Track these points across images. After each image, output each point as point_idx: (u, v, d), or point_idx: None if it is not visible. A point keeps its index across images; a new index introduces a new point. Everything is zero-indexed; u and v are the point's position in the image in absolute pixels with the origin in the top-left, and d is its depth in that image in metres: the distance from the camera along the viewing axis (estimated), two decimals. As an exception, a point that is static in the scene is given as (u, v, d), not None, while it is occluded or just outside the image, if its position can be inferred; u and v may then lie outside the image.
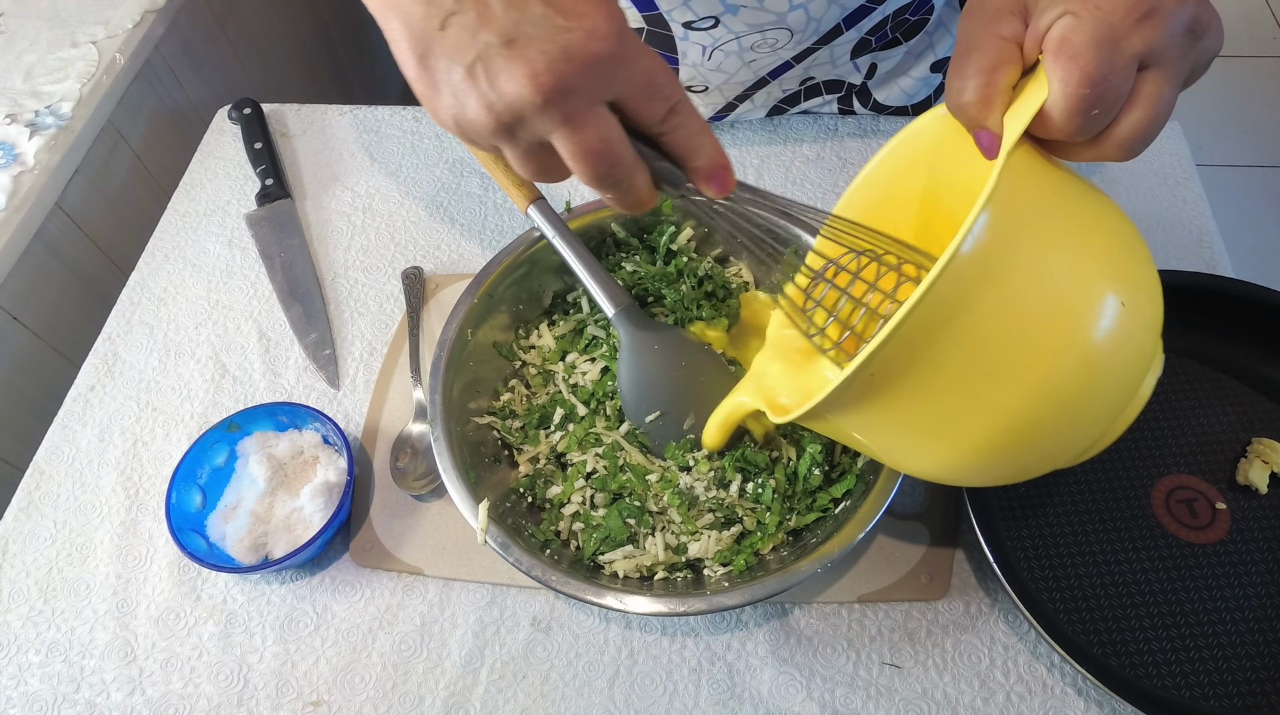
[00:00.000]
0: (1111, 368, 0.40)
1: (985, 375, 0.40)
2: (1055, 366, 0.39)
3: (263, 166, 0.83)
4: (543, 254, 0.66)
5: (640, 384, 0.61)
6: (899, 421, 0.43)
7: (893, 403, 0.42)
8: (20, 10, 0.93)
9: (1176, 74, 0.41)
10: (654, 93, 0.38)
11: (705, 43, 0.70)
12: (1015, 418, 0.40)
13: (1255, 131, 2.07)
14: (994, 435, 0.41)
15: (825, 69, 0.78)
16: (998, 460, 0.43)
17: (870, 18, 0.72)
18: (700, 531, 0.57)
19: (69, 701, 0.58)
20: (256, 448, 0.64)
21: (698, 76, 0.77)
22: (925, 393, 0.41)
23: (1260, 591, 0.56)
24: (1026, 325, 0.39)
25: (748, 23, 0.67)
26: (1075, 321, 0.39)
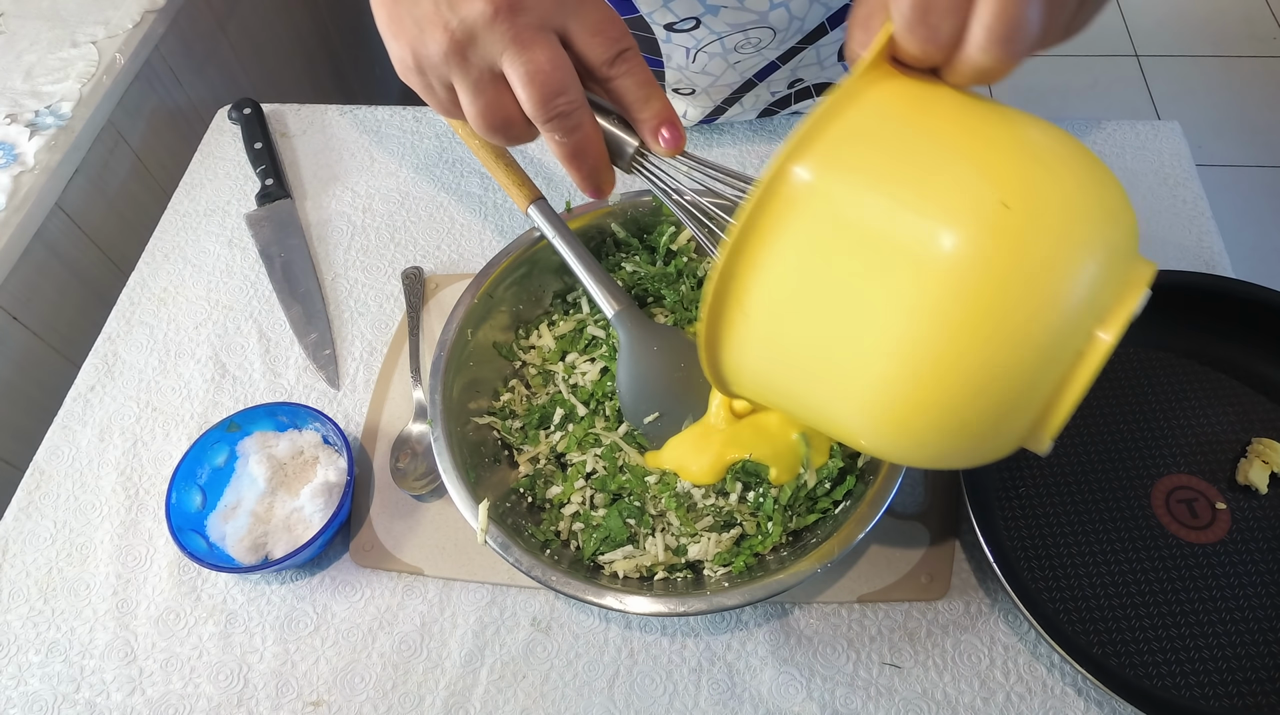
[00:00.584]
0: (1006, 289, 0.34)
1: (842, 305, 0.36)
2: (920, 286, 0.34)
3: (263, 166, 0.83)
4: (543, 254, 0.66)
5: (639, 385, 0.61)
6: (793, 369, 0.39)
7: (777, 342, 0.38)
8: (20, 10, 0.93)
9: None
10: (603, 29, 0.38)
11: (688, 44, 0.70)
12: (898, 358, 0.35)
13: (1255, 131, 2.07)
14: (884, 384, 0.36)
15: (813, 70, 0.78)
16: (917, 421, 0.37)
17: None
18: (700, 534, 0.57)
19: (69, 701, 0.58)
20: (256, 448, 0.64)
21: (684, 79, 0.77)
22: (797, 327, 0.37)
23: (1260, 591, 0.56)
24: (872, 244, 0.35)
25: (729, 23, 0.67)
26: (929, 233, 0.34)
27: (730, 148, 0.83)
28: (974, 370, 0.35)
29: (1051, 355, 0.35)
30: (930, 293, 0.34)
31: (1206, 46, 2.26)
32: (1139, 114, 2.13)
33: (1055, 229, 0.34)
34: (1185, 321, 0.65)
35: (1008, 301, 0.34)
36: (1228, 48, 2.25)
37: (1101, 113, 2.10)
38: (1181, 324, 0.65)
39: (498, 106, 0.39)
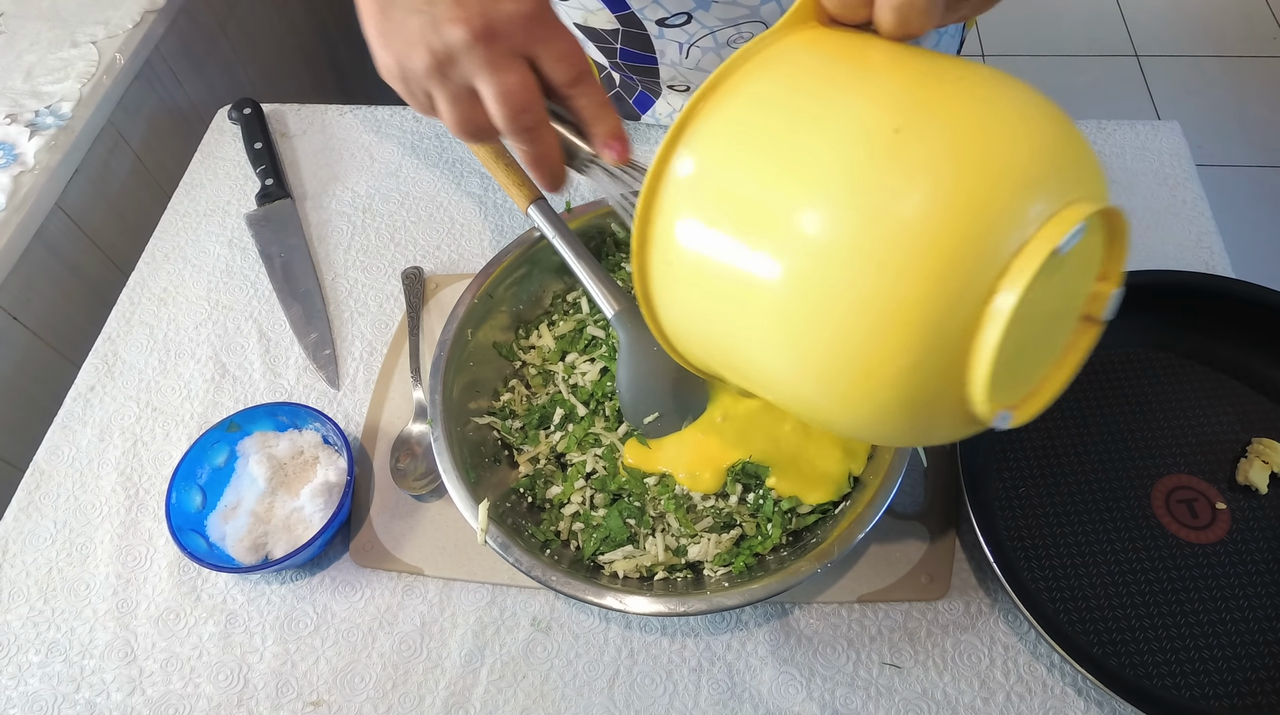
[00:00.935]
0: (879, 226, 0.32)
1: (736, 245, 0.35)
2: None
3: (263, 166, 0.83)
4: (543, 254, 0.66)
5: (638, 385, 0.61)
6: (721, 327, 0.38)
7: (698, 291, 0.38)
8: (20, 10, 0.93)
9: None
10: (566, 57, 0.44)
11: (681, 39, 0.70)
12: (799, 294, 0.34)
13: (1255, 131, 2.07)
14: (791, 324, 0.35)
15: None
16: (830, 373, 0.35)
17: None
18: (699, 534, 0.57)
19: (69, 701, 0.58)
20: (256, 448, 0.64)
21: (678, 76, 0.77)
22: (713, 270, 0.37)
23: (1260, 591, 0.56)
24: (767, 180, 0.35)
25: (720, 17, 0.67)
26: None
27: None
28: (868, 305, 0.33)
29: (953, 294, 0.32)
30: (828, 218, 0.33)
31: (1206, 46, 2.26)
32: (1139, 114, 2.13)
33: (953, 155, 0.32)
34: (1185, 321, 0.65)
35: (902, 229, 0.32)
36: (1228, 48, 2.25)
37: (1101, 113, 2.10)
38: (1181, 324, 0.65)
39: (471, 117, 0.44)
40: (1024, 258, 0.32)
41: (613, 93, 0.83)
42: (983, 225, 0.32)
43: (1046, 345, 0.39)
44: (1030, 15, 2.32)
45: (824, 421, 0.39)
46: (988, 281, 0.32)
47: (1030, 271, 0.31)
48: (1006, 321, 0.32)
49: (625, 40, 0.73)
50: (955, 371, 0.34)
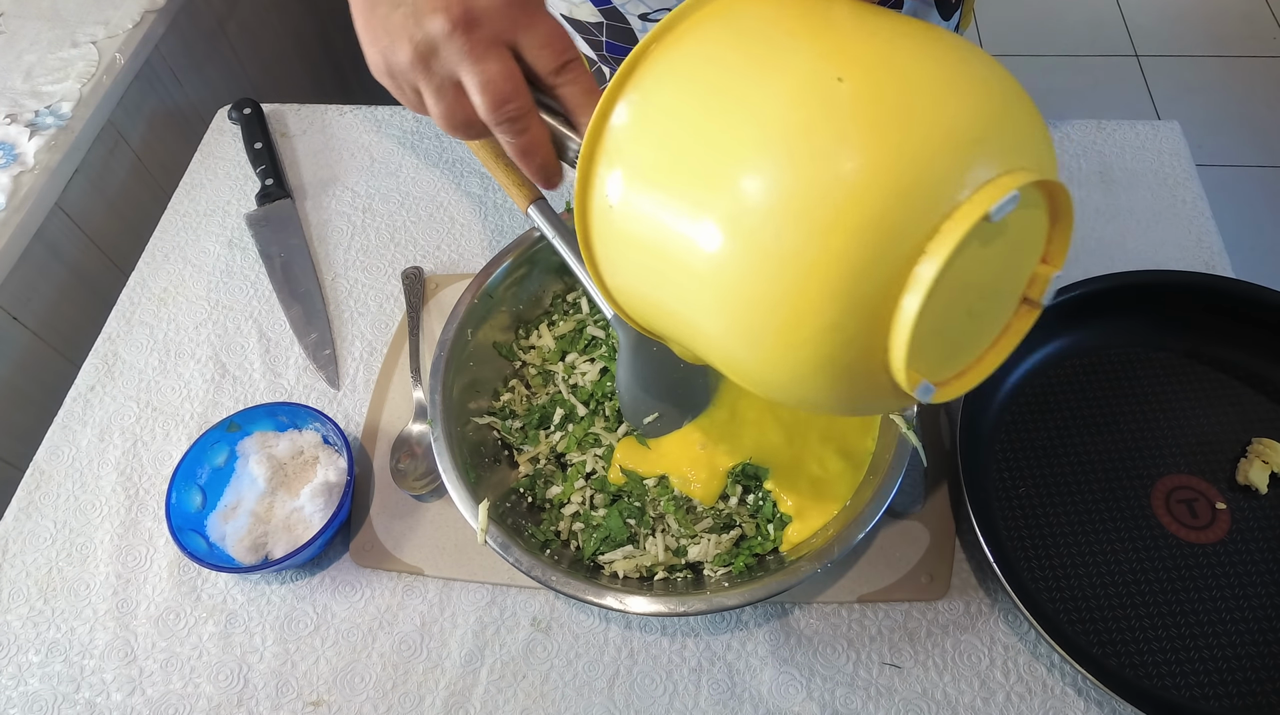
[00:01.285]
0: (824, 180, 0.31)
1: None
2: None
3: (263, 166, 0.83)
4: (543, 254, 0.66)
5: (638, 385, 0.61)
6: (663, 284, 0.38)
7: (633, 238, 0.37)
8: (20, 10, 0.93)
9: None
10: (550, 43, 0.43)
11: None
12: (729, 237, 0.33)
13: (1255, 131, 2.07)
14: (716, 269, 0.34)
15: None
16: (750, 324, 0.35)
17: None
18: (699, 535, 0.57)
19: (69, 701, 0.58)
20: (256, 448, 0.64)
21: None
22: (646, 215, 0.36)
23: (1260, 591, 0.56)
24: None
25: None
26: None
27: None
28: (792, 257, 0.32)
29: (875, 252, 0.31)
30: (759, 166, 0.32)
31: (1206, 46, 2.25)
32: (1139, 114, 2.13)
33: (892, 108, 0.31)
34: (1185, 321, 0.65)
35: (831, 180, 0.31)
36: (1228, 48, 2.25)
37: (1101, 113, 2.10)
38: (1181, 324, 0.65)
39: (457, 109, 0.44)
40: (953, 221, 0.31)
41: (602, 87, 0.83)
42: (912, 182, 0.31)
43: (980, 324, 0.37)
44: (1030, 15, 2.32)
45: (753, 382, 0.39)
46: (914, 243, 0.31)
47: (958, 235, 0.30)
48: (929, 285, 0.31)
49: (610, 34, 0.73)
50: (876, 335, 0.33)
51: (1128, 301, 0.65)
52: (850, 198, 0.31)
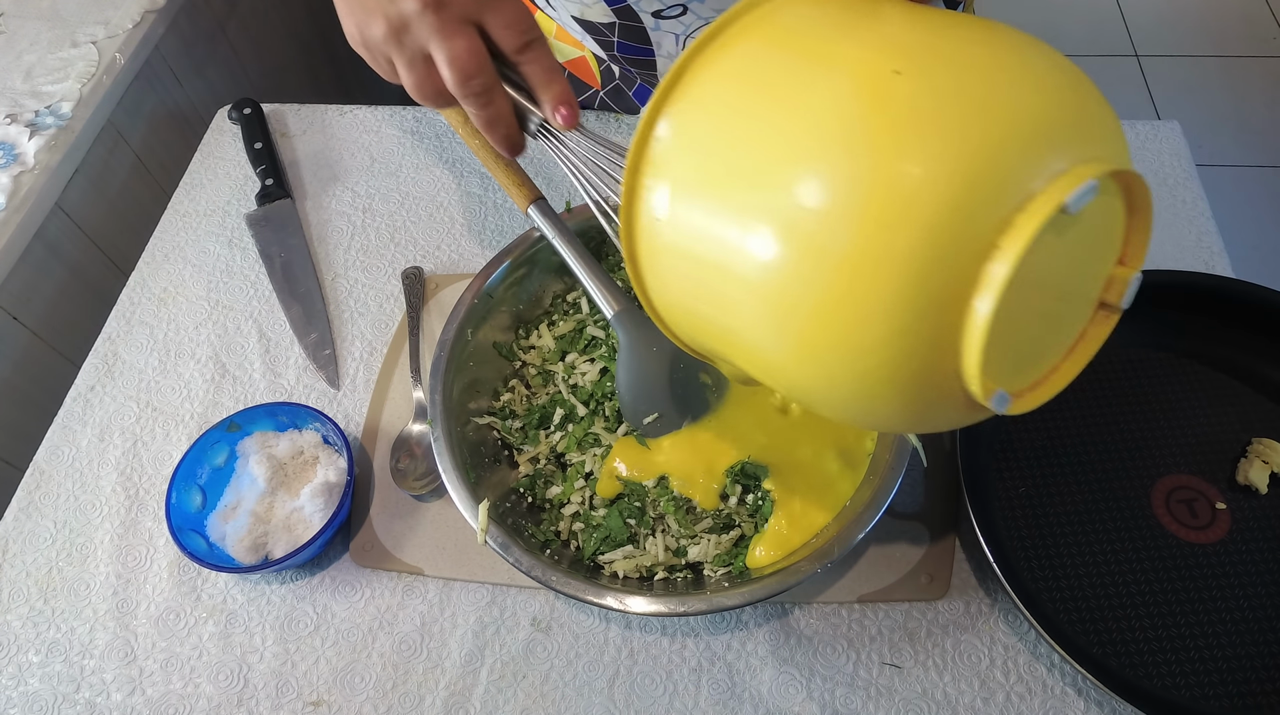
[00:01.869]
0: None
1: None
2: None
3: (263, 166, 0.83)
4: (543, 254, 0.66)
5: (638, 386, 0.61)
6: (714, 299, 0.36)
7: (686, 251, 0.36)
8: (20, 10, 0.93)
9: None
10: (514, 24, 0.47)
11: (677, 30, 0.70)
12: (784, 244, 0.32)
13: (1255, 131, 2.07)
14: (774, 280, 0.33)
15: None
16: (812, 331, 0.33)
17: None
18: (699, 535, 0.57)
19: (69, 701, 0.58)
20: (256, 448, 0.64)
21: None
22: (702, 228, 0.35)
23: (1260, 591, 0.56)
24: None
25: (715, 9, 0.67)
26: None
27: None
28: (854, 258, 0.30)
29: (945, 250, 0.29)
30: (816, 163, 0.30)
31: (1206, 46, 2.25)
32: (1139, 114, 2.13)
33: (956, 98, 0.29)
34: (1185, 321, 0.65)
35: (894, 175, 0.29)
36: (1228, 48, 2.25)
37: (1101, 113, 2.10)
38: (1181, 324, 0.65)
39: (427, 81, 0.47)
40: (1027, 213, 0.29)
41: (612, 85, 0.83)
42: (980, 173, 0.29)
43: (1056, 329, 0.36)
44: (1030, 15, 2.32)
45: (813, 398, 0.37)
46: (985, 238, 0.29)
47: (1033, 228, 0.28)
48: (1005, 282, 0.29)
49: (622, 33, 0.73)
50: (946, 341, 0.31)
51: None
52: (915, 191, 0.29)
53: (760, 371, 0.39)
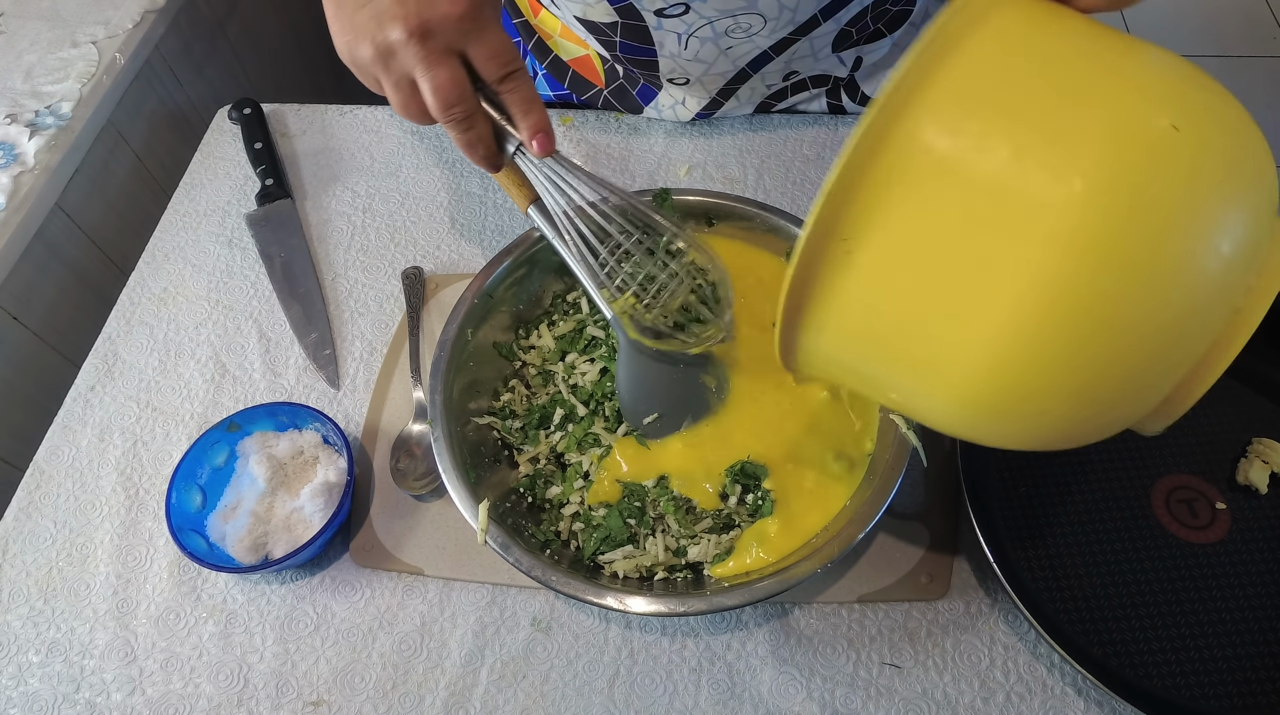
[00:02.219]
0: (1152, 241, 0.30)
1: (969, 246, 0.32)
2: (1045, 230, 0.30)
3: (263, 166, 0.83)
4: (543, 254, 0.66)
5: (638, 386, 0.61)
6: (894, 322, 0.35)
7: (876, 290, 0.34)
8: (20, 10, 0.93)
9: None
10: (497, 54, 0.49)
11: (679, 29, 0.70)
12: (1030, 303, 0.31)
13: (1255, 131, 2.07)
14: (1007, 338, 0.32)
15: (808, 62, 0.78)
16: (1035, 382, 0.33)
17: (848, 9, 0.71)
18: (699, 535, 0.57)
19: (69, 701, 0.58)
20: (256, 448, 0.64)
21: (677, 68, 0.77)
22: (907, 290, 0.33)
23: (1260, 591, 0.56)
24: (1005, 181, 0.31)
25: (718, 8, 0.67)
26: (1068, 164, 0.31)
27: (728, 140, 0.83)
28: (1125, 315, 0.30)
29: (1208, 301, 0.31)
30: (1080, 223, 0.30)
31: (1206, 46, 2.26)
32: (1139, 114, 2.13)
33: (1225, 160, 0.30)
34: (1185, 321, 0.65)
35: (1168, 235, 0.29)
36: (1228, 48, 2.25)
37: (1101, 113, 2.10)
38: (1181, 324, 0.65)
39: (411, 103, 0.50)
40: (1270, 277, 0.31)
41: (616, 84, 0.83)
42: (1244, 236, 0.31)
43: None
44: (1030, 15, 2.32)
45: (984, 433, 0.37)
46: (1236, 296, 0.31)
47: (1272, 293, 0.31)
48: (1252, 328, 0.32)
49: (624, 33, 0.73)
50: (1164, 379, 0.32)
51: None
52: (1195, 246, 0.30)
53: (913, 404, 0.38)
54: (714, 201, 0.68)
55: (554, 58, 0.85)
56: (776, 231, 0.66)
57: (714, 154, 0.83)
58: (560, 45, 0.83)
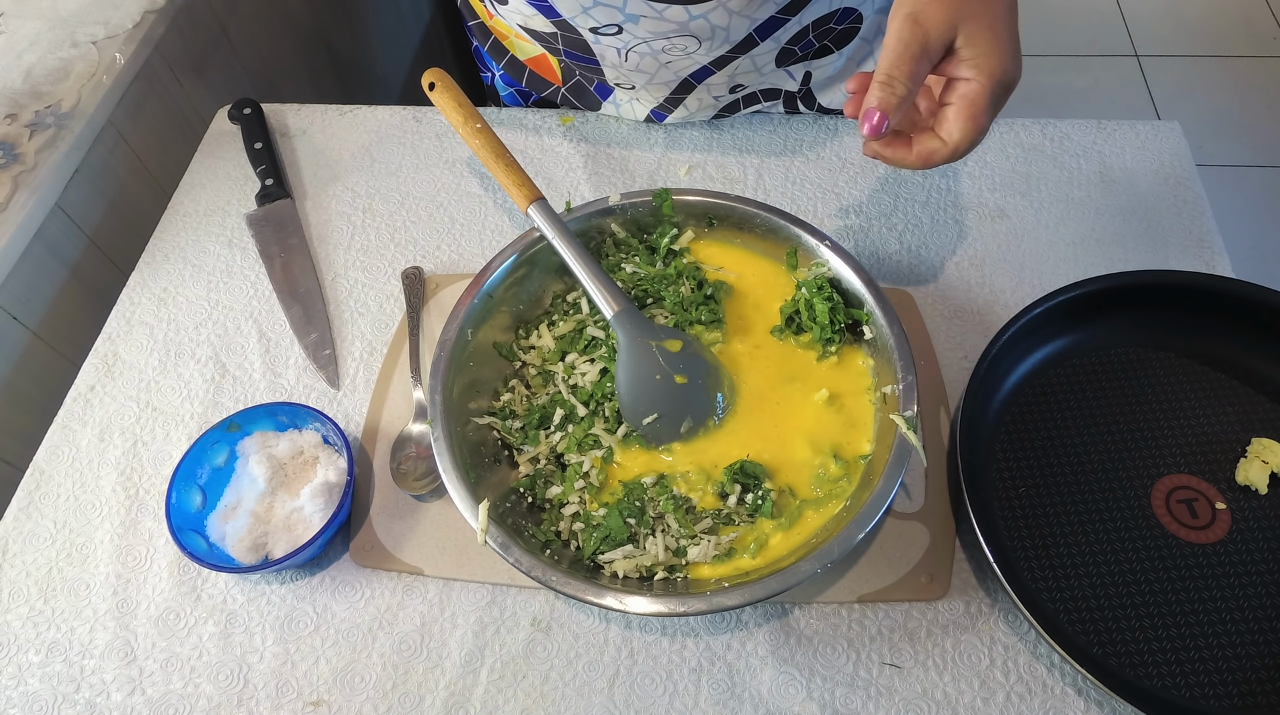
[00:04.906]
0: None
1: None
2: None
3: (263, 166, 0.83)
4: (543, 254, 0.66)
5: (638, 386, 0.61)
6: None
7: None
8: (20, 10, 0.93)
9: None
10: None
11: (617, 45, 0.71)
12: None
13: (1255, 131, 2.07)
14: None
15: (753, 77, 0.78)
16: None
17: (785, 28, 0.71)
18: (699, 536, 0.57)
19: (69, 701, 0.58)
20: (256, 448, 0.64)
21: (621, 76, 0.77)
22: None
23: (1260, 591, 0.56)
24: None
25: (650, 30, 0.68)
26: None
27: (728, 140, 0.83)
28: None
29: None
30: None
31: (1206, 46, 2.26)
32: (1139, 114, 2.13)
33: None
34: (1185, 321, 0.65)
35: None
36: (1228, 48, 2.25)
37: (1101, 113, 2.10)
38: (1181, 324, 0.65)
39: None
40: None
41: (573, 82, 0.83)
42: None
43: None
44: (1030, 15, 2.32)
45: None
46: None
47: None
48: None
49: (565, 43, 0.73)
50: None
51: (1128, 301, 0.65)
52: None
53: None
54: (714, 201, 0.68)
55: (510, 58, 0.85)
56: (776, 231, 0.66)
57: (714, 154, 0.83)
58: (516, 45, 0.83)
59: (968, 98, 0.53)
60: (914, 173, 0.80)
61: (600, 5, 0.66)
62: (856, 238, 0.76)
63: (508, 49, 0.84)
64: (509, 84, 0.88)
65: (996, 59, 0.53)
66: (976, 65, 0.53)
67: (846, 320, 0.63)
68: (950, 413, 0.65)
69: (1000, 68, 0.53)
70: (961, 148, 0.54)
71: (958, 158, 0.55)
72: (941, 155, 0.55)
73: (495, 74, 0.88)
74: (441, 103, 0.71)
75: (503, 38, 0.84)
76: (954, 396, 0.66)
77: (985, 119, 0.54)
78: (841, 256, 0.63)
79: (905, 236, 0.76)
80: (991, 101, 0.53)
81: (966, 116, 0.53)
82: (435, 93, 0.72)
